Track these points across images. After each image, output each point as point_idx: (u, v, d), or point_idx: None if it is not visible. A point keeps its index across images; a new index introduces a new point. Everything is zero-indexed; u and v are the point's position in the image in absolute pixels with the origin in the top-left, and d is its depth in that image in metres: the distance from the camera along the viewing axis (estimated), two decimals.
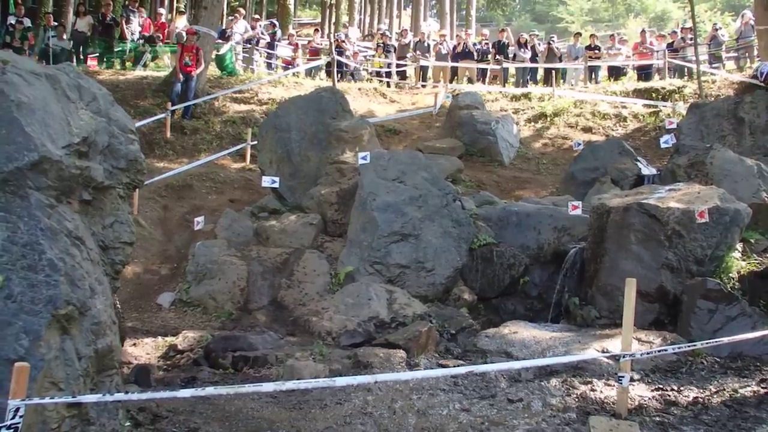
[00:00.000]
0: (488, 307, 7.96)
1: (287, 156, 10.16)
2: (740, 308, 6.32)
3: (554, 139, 15.47)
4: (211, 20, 15.98)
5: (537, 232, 8.31)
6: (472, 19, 36.08)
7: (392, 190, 8.19)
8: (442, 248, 7.87)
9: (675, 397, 5.11)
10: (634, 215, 7.04)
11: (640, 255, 6.94)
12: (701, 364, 5.87)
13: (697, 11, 20.57)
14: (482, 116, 14.36)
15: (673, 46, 20.06)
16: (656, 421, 4.66)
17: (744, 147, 9.92)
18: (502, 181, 12.84)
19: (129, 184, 4.39)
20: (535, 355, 5.89)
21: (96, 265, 3.91)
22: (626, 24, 41.46)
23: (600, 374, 5.52)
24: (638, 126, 15.74)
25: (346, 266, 7.80)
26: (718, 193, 7.19)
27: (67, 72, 4.27)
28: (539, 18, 53.66)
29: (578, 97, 17.23)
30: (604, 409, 4.84)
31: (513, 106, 17.19)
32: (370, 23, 38.82)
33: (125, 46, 18.60)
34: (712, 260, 6.85)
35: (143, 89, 15.76)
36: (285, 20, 27.09)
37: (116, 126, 4.33)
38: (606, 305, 7.02)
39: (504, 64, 20.16)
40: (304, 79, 18.92)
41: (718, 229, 6.84)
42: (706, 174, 8.35)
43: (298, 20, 40.09)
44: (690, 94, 16.49)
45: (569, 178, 11.57)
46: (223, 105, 15.70)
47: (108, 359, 3.84)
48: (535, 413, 4.81)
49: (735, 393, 5.15)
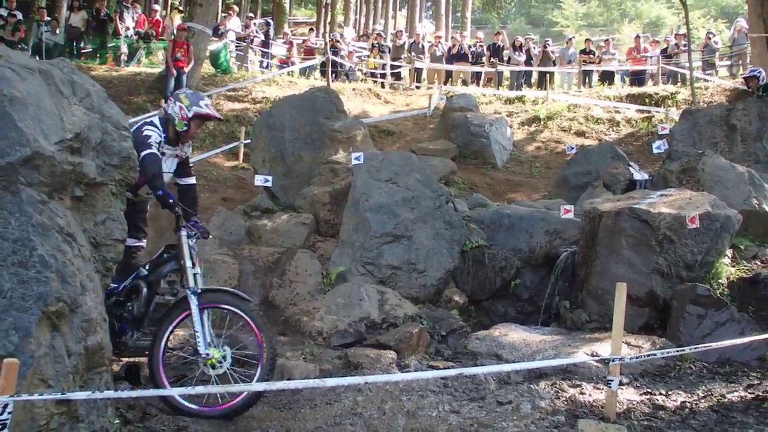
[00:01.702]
0: (479, 309, 7.98)
1: (280, 155, 10.15)
2: (729, 314, 6.36)
3: (547, 143, 15.52)
4: (206, 17, 15.97)
5: (529, 235, 8.34)
6: (468, 21, 36.19)
7: (385, 191, 8.20)
8: (434, 250, 7.88)
9: (663, 402, 5.13)
10: (625, 220, 7.07)
11: (631, 260, 6.97)
12: (690, 369, 5.91)
13: (690, 18, 20.66)
14: (476, 119, 14.39)
15: (667, 52, 20.18)
16: (644, 425, 4.68)
17: (735, 154, 10.00)
18: (494, 183, 12.87)
19: (121, 180, 4.37)
20: (525, 357, 5.91)
21: (87, 262, 3.89)
22: (621, 29, 41.59)
23: (589, 378, 5.55)
24: (631, 131, 15.82)
25: (337, 266, 7.80)
26: (709, 200, 7.23)
27: (61, 67, 4.25)
28: (534, 21, 53.76)
29: (572, 101, 17.32)
30: (593, 412, 4.86)
31: (507, 109, 17.25)
32: (365, 23, 38.80)
33: (119, 41, 18.55)
34: (702, 266, 6.88)
35: (137, 86, 15.72)
36: (280, 19, 27.10)
37: (109, 122, 4.31)
38: (596, 309, 7.05)
39: (498, 67, 20.23)
40: (298, 78, 18.93)
41: (709, 235, 6.88)
42: (698, 180, 8.40)
43: (293, 19, 40.06)
44: (683, 101, 16.60)
45: (562, 181, 11.62)
46: (217, 103, 15.67)
47: (98, 356, 3.82)
48: (524, 416, 4.82)
49: (722, 398, 5.19)
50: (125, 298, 4.94)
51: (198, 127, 5.26)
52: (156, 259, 5.05)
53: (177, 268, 4.87)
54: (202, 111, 5.13)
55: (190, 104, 5.09)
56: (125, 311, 4.90)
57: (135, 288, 4.93)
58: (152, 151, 4.92)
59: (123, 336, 4.84)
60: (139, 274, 4.97)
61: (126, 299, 4.94)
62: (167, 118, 5.14)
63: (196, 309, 4.59)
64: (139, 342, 4.88)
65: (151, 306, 4.87)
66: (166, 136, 5.11)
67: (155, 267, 4.98)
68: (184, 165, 5.40)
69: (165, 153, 5.13)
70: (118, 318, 4.86)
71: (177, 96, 5.20)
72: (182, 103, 5.10)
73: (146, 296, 4.85)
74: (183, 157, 5.35)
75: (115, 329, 4.78)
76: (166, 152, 5.15)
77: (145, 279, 4.92)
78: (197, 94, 5.30)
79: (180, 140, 5.21)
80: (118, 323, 4.85)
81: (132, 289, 4.94)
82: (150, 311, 4.87)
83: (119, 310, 4.90)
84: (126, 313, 4.89)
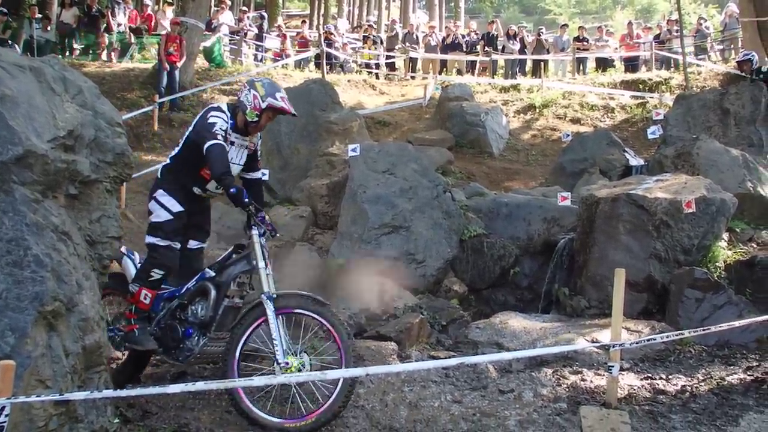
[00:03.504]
0: (479, 298, 7.98)
1: (277, 148, 10.12)
2: (727, 297, 6.36)
3: (543, 131, 15.52)
4: (199, 11, 15.91)
5: (527, 223, 8.33)
6: (461, 10, 36.08)
7: (382, 182, 8.18)
8: (432, 240, 7.86)
9: (663, 386, 5.14)
10: (622, 206, 7.07)
11: (629, 245, 6.97)
12: (689, 353, 5.92)
13: (682, 3, 20.66)
14: (472, 108, 14.37)
15: (660, 38, 20.16)
16: (645, 409, 4.69)
17: (729, 138, 10.00)
18: (491, 172, 12.86)
19: (116, 177, 4.34)
20: (526, 345, 5.91)
21: (83, 261, 3.87)
22: (613, 16, 41.53)
23: (590, 364, 5.55)
24: (626, 117, 15.82)
25: (336, 258, 7.78)
26: (704, 184, 7.23)
27: (52, 64, 4.22)
28: (527, 10, 53.68)
29: (566, 88, 17.31)
30: (595, 398, 4.86)
31: (502, 98, 17.22)
32: (359, 15, 38.66)
33: (111, 37, 18.46)
34: (699, 250, 6.89)
35: (130, 81, 15.67)
36: (273, 12, 26.96)
37: (103, 119, 4.28)
38: (595, 295, 7.05)
39: (493, 55, 20.16)
40: (293, 71, 18.87)
41: (705, 219, 6.88)
42: (693, 164, 8.39)
43: (286, 11, 39.93)
44: (676, 86, 16.60)
45: (558, 169, 11.61)
46: (212, 97, 15.63)
47: (96, 355, 3.80)
48: (527, 404, 4.82)
49: (722, 381, 5.20)
50: (189, 301, 4.70)
51: (269, 120, 4.80)
52: (223, 259, 4.77)
53: (248, 269, 4.60)
54: (277, 104, 4.67)
55: (266, 94, 4.64)
56: (190, 314, 4.66)
57: (202, 290, 4.65)
58: (218, 142, 4.49)
59: (187, 341, 4.61)
60: (205, 276, 4.68)
61: (189, 302, 4.69)
62: (237, 105, 4.75)
63: (273, 315, 4.34)
64: (207, 348, 4.64)
65: (219, 310, 4.58)
66: (233, 123, 4.70)
67: (223, 268, 4.68)
68: (253, 157, 4.95)
69: (234, 142, 4.72)
70: (181, 321, 4.66)
71: (252, 83, 4.75)
72: (257, 91, 4.66)
73: (215, 299, 4.55)
74: (253, 148, 4.91)
75: (179, 334, 4.62)
76: (235, 141, 4.73)
77: (213, 281, 4.62)
78: (274, 85, 4.82)
79: (248, 131, 4.79)
80: (182, 327, 4.64)
81: (197, 292, 4.67)
82: (219, 315, 4.59)
83: (182, 313, 4.69)
84: (191, 316, 4.65)
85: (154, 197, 4.73)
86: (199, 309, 4.64)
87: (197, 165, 4.68)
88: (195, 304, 4.68)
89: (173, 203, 4.69)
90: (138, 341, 4.63)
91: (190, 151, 4.70)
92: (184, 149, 4.77)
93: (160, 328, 4.69)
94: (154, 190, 4.78)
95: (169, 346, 4.64)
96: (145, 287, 4.64)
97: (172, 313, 4.70)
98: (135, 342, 4.64)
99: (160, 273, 4.65)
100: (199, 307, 4.66)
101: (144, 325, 4.67)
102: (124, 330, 4.71)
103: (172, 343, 4.63)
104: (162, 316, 4.71)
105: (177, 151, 4.83)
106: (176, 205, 4.70)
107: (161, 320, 4.71)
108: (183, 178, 4.77)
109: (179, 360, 4.65)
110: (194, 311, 4.66)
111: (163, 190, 4.73)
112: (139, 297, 4.64)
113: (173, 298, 4.75)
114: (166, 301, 4.76)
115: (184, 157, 4.75)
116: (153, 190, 4.79)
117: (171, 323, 4.67)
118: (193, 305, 4.69)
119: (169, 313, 4.71)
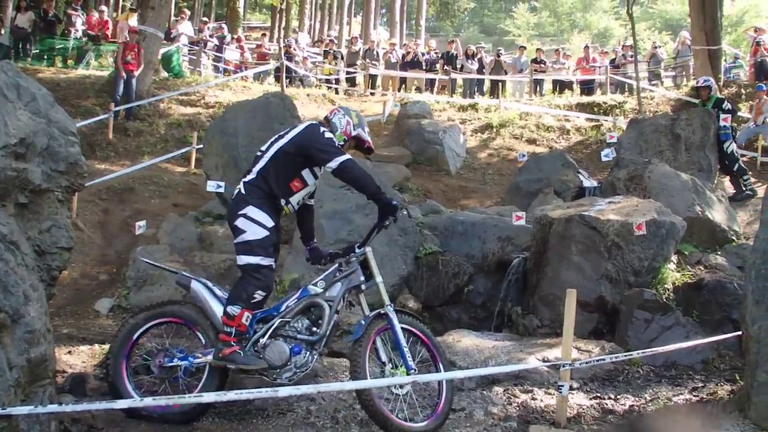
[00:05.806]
0: (433, 315, 8.00)
1: (233, 161, 10.03)
2: (675, 318, 6.52)
3: (500, 150, 15.74)
4: (158, 21, 15.72)
5: (482, 241, 8.41)
6: (422, 29, 36.50)
7: (339, 197, 8.17)
8: (388, 256, 7.87)
9: (612, 406, 5.24)
10: (575, 227, 7.20)
11: (581, 266, 7.09)
12: (637, 373, 6.03)
13: (637, 30, 21.27)
14: (430, 125, 14.51)
15: (615, 63, 20.72)
16: (594, 429, 4.77)
17: (680, 162, 10.28)
18: (448, 190, 12.97)
19: (68, 187, 4.26)
20: (478, 364, 5.95)
21: (31, 271, 3.78)
22: (571, 39, 42.48)
23: (541, 383, 5.62)
24: (580, 139, 16.16)
25: (291, 273, 7.74)
26: (655, 207, 7.42)
27: (6, 70, 4.13)
28: (487, 30, 54.52)
29: (524, 109, 17.61)
30: (544, 417, 4.92)
31: (460, 117, 17.43)
32: (320, 29, 38.76)
33: (68, 43, 18.11)
34: (649, 271, 7.05)
35: (85, 89, 15.37)
36: (234, 23, 26.84)
37: (56, 128, 4.20)
38: (548, 314, 7.15)
39: (452, 74, 20.42)
40: (252, 83, 18.77)
41: (655, 242, 7.05)
42: (645, 188, 8.60)
43: (247, 23, 39.75)
44: (630, 110, 17.06)
45: (514, 188, 11.76)
46: (169, 107, 15.44)
47: (41, 369, 3.71)
48: (477, 422, 4.86)
49: (669, 401, 5.32)
50: (291, 318, 4.65)
51: (349, 148, 4.93)
52: (329, 275, 4.78)
53: (356, 285, 4.72)
54: (364, 137, 4.90)
55: (358, 125, 4.86)
56: (297, 331, 4.61)
57: (308, 307, 4.65)
58: (351, 157, 4.56)
59: (295, 358, 4.56)
60: (308, 292, 4.70)
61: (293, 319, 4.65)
62: (327, 125, 4.82)
63: (398, 327, 4.53)
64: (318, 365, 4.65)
65: (331, 326, 4.63)
66: None
67: (331, 284, 4.72)
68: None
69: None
70: (286, 339, 4.60)
71: (348, 110, 4.92)
72: (351, 119, 4.84)
73: (329, 316, 4.59)
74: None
75: (287, 352, 4.53)
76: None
77: (325, 297, 4.66)
78: (363, 119, 5.01)
79: None
80: (288, 345, 4.56)
81: (303, 309, 4.65)
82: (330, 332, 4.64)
83: (286, 331, 4.62)
84: (299, 333, 4.60)
85: (244, 215, 4.59)
86: (304, 325, 4.63)
87: (288, 178, 4.69)
88: (297, 321, 4.65)
89: (266, 218, 4.61)
90: (246, 362, 4.50)
91: (279, 164, 4.68)
92: (272, 163, 4.69)
93: (262, 348, 4.59)
94: (240, 207, 4.61)
95: (275, 365, 4.54)
96: (248, 309, 4.53)
97: (274, 331, 4.61)
98: (243, 363, 4.51)
99: (263, 294, 4.60)
100: (303, 323, 4.64)
101: (243, 346, 4.56)
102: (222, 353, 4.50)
103: (278, 362, 4.53)
104: (261, 335, 4.61)
105: (262, 165, 4.71)
106: (269, 220, 4.62)
107: (259, 339, 4.61)
108: (273, 192, 4.68)
109: (283, 378, 4.55)
110: (299, 328, 4.63)
111: (254, 206, 4.60)
112: (240, 319, 4.50)
113: (268, 317, 4.68)
114: (264, 322, 4.68)
115: (274, 170, 4.68)
116: (239, 208, 4.62)
117: (275, 342, 4.58)
118: (297, 322, 4.65)
119: (270, 331, 4.61)
